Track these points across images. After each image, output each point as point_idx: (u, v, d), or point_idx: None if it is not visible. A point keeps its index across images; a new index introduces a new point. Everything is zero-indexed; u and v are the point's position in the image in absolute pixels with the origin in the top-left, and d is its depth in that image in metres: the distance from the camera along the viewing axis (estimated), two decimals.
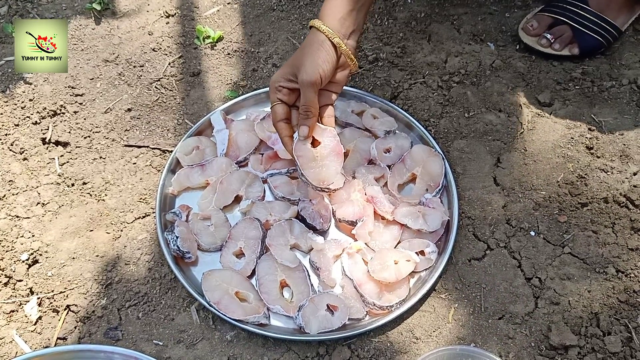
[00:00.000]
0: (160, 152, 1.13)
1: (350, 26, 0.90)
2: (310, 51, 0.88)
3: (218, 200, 1.02)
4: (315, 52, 0.87)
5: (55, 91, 1.20)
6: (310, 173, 0.91)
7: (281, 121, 0.92)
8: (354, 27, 0.91)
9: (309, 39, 0.89)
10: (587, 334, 0.88)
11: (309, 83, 0.86)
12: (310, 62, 0.87)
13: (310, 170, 0.91)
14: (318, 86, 0.88)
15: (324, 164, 0.92)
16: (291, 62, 0.90)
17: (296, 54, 0.90)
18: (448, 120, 1.13)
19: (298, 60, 0.89)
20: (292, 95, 0.92)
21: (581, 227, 0.99)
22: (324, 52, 0.88)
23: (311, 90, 0.87)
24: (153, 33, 1.30)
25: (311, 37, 0.89)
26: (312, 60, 0.87)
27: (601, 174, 1.04)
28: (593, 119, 1.11)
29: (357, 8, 0.90)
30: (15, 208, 1.05)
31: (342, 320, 0.89)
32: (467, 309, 0.93)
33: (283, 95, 0.91)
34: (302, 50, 0.89)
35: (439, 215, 0.97)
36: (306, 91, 0.87)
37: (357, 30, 0.92)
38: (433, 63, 1.21)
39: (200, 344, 0.91)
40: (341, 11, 0.89)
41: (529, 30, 1.20)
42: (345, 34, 0.90)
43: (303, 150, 0.91)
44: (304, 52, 0.88)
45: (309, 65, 0.87)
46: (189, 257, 0.96)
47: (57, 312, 0.95)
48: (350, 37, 0.91)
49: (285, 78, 0.90)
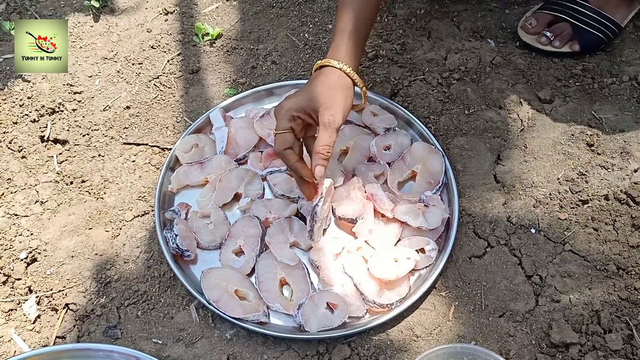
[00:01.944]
0: (159, 149, 1.13)
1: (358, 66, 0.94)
2: (338, 94, 0.89)
3: (217, 198, 1.02)
4: (343, 97, 0.89)
5: (54, 89, 1.19)
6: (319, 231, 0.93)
7: (288, 149, 0.89)
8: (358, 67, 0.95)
9: (333, 78, 0.90)
10: (588, 332, 0.88)
11: (337, 128, 0.88)
12: (341, 106, 0.88)
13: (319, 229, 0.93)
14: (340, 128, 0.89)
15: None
16: (312, 97, 0.88)
17: (319, 90, 0.88)
18: (448, 118, 1.13)
19: (323, 100, 0.87)
20: (304, 127, 0.91)
21: (582, 224, 0.98)
22: (350, 98, 0.90)
23: (335, 134, 0.88)
24: (152, 30, 1.30)
25: (342, 82, 0.90)
26: (341, 104, 0.88)
27: (602, 171, 1.03)
28: (593, 115, 1.11)
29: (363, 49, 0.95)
30: (14, 206, 1.04)
31: (342, 319, 0.89)
32: (468, 306, 0.92)
33: (297, 125, 0.89)
34: (329, 91, 0.88)
35: (439, 213, 0.97)
36: (332, 134, 0.87)
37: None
38: (433, 60, 1.21)
39: (199, 342, 0.91)
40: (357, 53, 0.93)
41: (528, 29, 1.20)
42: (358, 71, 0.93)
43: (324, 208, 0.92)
44: (332, 94, 0.88)
45: (339, 109, 0.88)
46: (188, 255, 0.96)
47: (56, 310, 0.94)
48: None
49: (305, 111, 0.88)
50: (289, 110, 0.88)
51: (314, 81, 0.91)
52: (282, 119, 0.88)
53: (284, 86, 1.16)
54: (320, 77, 0.91)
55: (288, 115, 0.88)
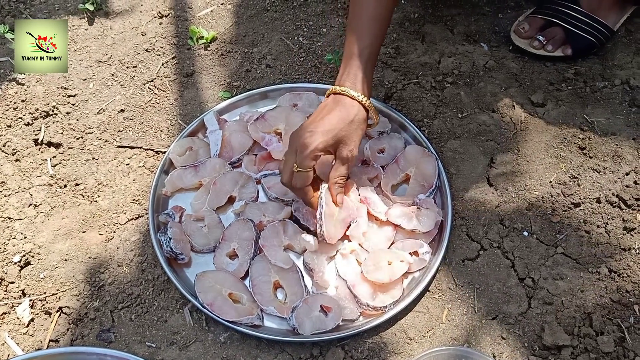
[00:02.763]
0: (154, 153, 1.13)
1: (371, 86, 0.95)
2: (356, 129, 0.90)
3: (211, 201, 1.02)
4: (362, 131, 0.91)
5: (48, 92, 1.19)
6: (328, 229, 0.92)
7: (308, 186, 0.92)
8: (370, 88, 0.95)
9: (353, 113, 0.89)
10: (580, 334, 0.88)
11: (355, 159, 0.91)
12: (357, 142, 0.91)
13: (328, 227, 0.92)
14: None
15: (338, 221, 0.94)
16: (334, 134, 0.88)
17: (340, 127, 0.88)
18: (442, 121, 1.13)
19: (343, 136, 0.89)
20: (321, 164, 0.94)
21: (574, 227, 0.99)
22: (364, 130, 0.93)
23: (353, 165, 0.91)
24: (146, 34, 1.30)
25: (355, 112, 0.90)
26: (359, 140, 0.91)
27: (594, 174, 1.04)
28: (585, 119, 1.11)
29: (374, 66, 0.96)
30: (7, 209, 1.04)
31: (335, 321, 0.89)
32: (461, 309, 0.93)
33: (316, 164, 0.91)
34: (349, 126, 0.89)
35: (432, 216, 0.97)
36: (350, 166, 0.91)
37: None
38: (427, 64, 1.21)
39: (193, 345, 0.91)
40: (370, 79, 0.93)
41: (520, 33, 1.21)
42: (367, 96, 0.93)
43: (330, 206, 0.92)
44: (351, 129, 0.89)
45: (356, 145, 0.91)
46: (182, 259, 0.96)
47: (50, 314, 0.94)
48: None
49: (326, 150, 0.89)
50: (313, 151, 0.87)
51: (332, 113, 0.89)
52: (307, 159, 0.87)
53: (278, 89, 1.17)
54: (339, 108, 0.90)
55: (313, 155, 0.87)
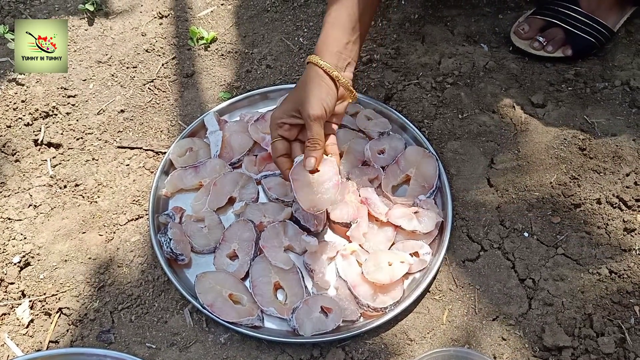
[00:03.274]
0: (154, 153, 1.12)
1: (347, 58, 0.93)
2: (312, 87, 0.89)
3: (211, 202, 1.02)
4: (317, 87, 0.89)
5: (48, 92, 1.19)
6: (302, 196, 0.90)
7: (282, 156, 0.93)
8: (350, 59, 0.93)
9: (309, 74, 0.90)
10: (581, 335, 0.88)
11: (315, 117, 0.88)
12: (315, 97, 0.88)
13: (302, 194, 0.90)
14: (324, 119, 0.89)
15: (318, 190, 0.90)
16: (292, 99, 0.91)
17: (297, 91, 0.91)
18: (442, 122, 1.13)
19: (300, 96, 0.89)
20: (293, 130, 0.93)
21: (574, 228, 0.99)
22: (325, 86, 0.89)
23: (317, 124, 0.89)
24: (146, 34, 1.30)
25: (310, 73, 0.90)
26: (316, 95, 0.88)
27: (594, 175, 1.04)
28: (586, 120, 1.11)
29: (352, 41, 0.93)
30: (7, 210, 1.04)
31: (336, 322, 0.89)
32: (461, 310, 0.93)
33: (284, 131, 0.92)
34: (304, 87, 0.90)
35: (433, 217, 0.97)
36: (313, 125, 0.88)
37: (353, 62, 0.94)
38: (427, 64, 1.21)
39: (193, 346, 0.90)
40: (337, 45, 0.91)
41: (520, 34, 1.21)
42: (342, 67, 0.92)
43: (300, 175, 0.90)
44: (306, 88, 0.89)
45: (314, 101, 0.88)
46: (182, 259, 0.96)
47: (49, 315, 0.94)
48: (346, 69, 0.93)
49: (287, 114, 0.91)
50: (275, 119, 0.92)
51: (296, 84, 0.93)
52: (272, 129, 0.93)
53: (279, 90, 1.17)
54: (301, 77, 0.93)
55: (274, 124, 0.92)
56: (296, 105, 0.90)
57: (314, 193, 0.90)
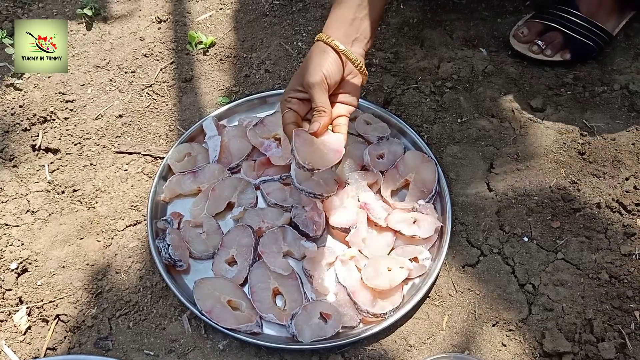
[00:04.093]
0: (152, 158, 1.12)
1: (353, 34, 0.92)
2: (312, 57, 0.90)
3: (210, 207, 1.02)
4: (317, 57, 0.90)
5: (46, 97, 1.19)
6: (300, 151, 0.86)
7: (291, 123, 0.91)
8: (358, 34, 0.92)
9: (312, 49, 0.91)
10: (581, 341, 0.88)
11: (314, 83, 0.87)
12: (313, 65, 0.89)
13: (301, 149, 0.87)
14: (324, 85, 0.88)
15: (318, 149, 0.88)
16: (297, 74, 0.92)
17: (301, 66, 0.92)
18: (441, 126, 1.13)
19: (302, 69, 0.90)
20: (302, 105, 0.92)
21: (574, 232, 0.99)
22: (326, 55, 0.89)
23: (319, 92, 0.88)
24: (145, 39, 1.29)
25: (313, 48, 0.91)
26: (314, 64, 0.89)
27: (593, 179, 1.04)
28: (585, 124, 1.11)
29: (360, 17, 0.92)
30: (5, 216, 1.04)
31: (335, 328, 0.89)
32: (461, 315, 0.92)
33: (293, 104, 0.92)
34: (306, 60, 0.91)
35: (432, 222, 0.97)
36: (314, 92, 0.88)
37: (363, 38, 0.93)
38: (426, 68, 1.21)
39: (192, 353, 0.90)
40: (342, 21, 0.92)
41: (519, 38, 1.21)
42: (349, 42, 0.91)
43: (303, 134, 0.88)
44: (308, 60, 0.90)
45: (312, 68, 0.88)
46: (181, 265, 0.95)
47: (47, 321, 0.93)
48: (354, 44, 0.92)
49: (294, 89, 0.91)
50: (283, 96, 0.93)
51: None
52: (282, 106, 0.93)
53: (278, 94, 1.16)
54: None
55: (283, 100, 0.93)
56: (299, 79, 0.90)
57: (313, 151, 0.88)
